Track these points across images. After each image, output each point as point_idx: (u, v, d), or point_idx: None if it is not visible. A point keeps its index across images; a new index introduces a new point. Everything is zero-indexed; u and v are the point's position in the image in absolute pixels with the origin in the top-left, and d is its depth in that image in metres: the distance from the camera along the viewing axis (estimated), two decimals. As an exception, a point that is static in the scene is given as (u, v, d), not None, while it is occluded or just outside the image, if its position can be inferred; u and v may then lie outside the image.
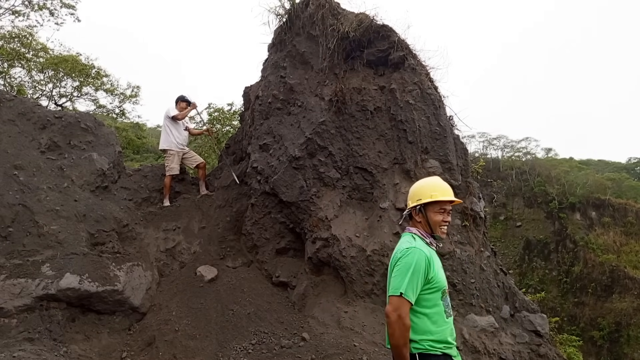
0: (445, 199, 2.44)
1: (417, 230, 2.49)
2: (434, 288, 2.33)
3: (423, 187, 2.52)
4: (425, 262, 2.29)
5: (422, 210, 2.47)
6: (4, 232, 4.96)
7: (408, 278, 2.24)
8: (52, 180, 5.62)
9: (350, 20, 6.02)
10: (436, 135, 5.76)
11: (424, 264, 2.29)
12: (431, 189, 2.47)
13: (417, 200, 2.48)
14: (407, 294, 2.22)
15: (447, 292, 2.42)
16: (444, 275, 2.43)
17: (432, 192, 2.44)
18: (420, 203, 2.46)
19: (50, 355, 4.25)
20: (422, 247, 2.37)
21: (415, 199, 2.50)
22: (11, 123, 5.76)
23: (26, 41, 13.50)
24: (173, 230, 6.45)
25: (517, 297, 5.79)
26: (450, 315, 2.41)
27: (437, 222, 2.44)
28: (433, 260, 2.37)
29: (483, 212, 5.95)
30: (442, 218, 2.45)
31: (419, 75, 5.94)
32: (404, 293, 2.21)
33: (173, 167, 7.09)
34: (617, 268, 38.10)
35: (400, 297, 2.22)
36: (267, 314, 5.30)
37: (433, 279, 2.32)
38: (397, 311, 2.21)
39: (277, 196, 6.05)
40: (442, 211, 2.45)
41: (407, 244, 2.38)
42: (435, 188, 2.47)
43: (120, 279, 5.11)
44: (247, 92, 7.59)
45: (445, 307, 2.37)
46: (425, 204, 2.45)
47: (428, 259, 2.31)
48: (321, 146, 5.88)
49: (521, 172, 51.63)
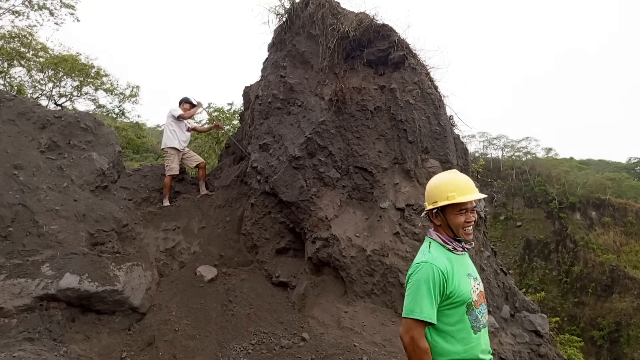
0: (466, 200, 2.11)
1: (437, 235, 2.20)
2: (456, 303, 2.07)
3: (438, 187, 2.19)
4: (439, 276, 2.04)
5: (440, 214, 2.18)
6: (4, 232, 4.96)
7: (419, 297, 2.03)
8: (52, 180, 5.62)
9: (350, 19, 6.02)
10: (436, 135, 5.75)
11: (438, 279, 2.03)
12: (448, 188, 2.14)
13: (432, 203, 2.19)
14: (420, 314, 2.01)
15: (475, 305, 2.12)
16: (470, 284, 2.14)
17: (449, 193, 2.12)
18: (436, 206, 2.17)
19: (50, 355, 4.24)
20: (435, 259, 2.10)
21: (431, 202, 2.20)
22: (11, 123, 5.76)
23: (26, 41, 13.50)
24: (173, 230, 6.44)
25: (517, 297, 5.79)
26: (480, 329, 2.13)
27: (459, 225, 2.14)
28: (452, 272, 2.09)
29: (483, 212, 5.95)
30: (464, 219, 2.14)
31: (419, 75, 5.94)
32: (415, 314, 2.02)
33: (173, 167, 7.08)
34: (617, 268, 38.11)
35: (417, 321, 2.02)
36: (267, 314, 5.29)
37: (453, 293, 2.06)
38: (409, 333, 2.02)
39: (277, 196, 6.05)
40: (463, 212, 2.13)
41: (419, 258, 2.15)
42: (453, 187, 2.14)
43: (120, 279, 5.10)
44: (247, 92, 7.59)
45: (472, 322, 2.10)
46: (442, 207, 2.16)
47: (443, 273, 2.05)
48: (321, 146, 5.88)
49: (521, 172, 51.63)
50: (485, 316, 2.19)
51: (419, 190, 5.52)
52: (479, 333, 2.12)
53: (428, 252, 2.15)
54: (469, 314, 2.10)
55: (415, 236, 5.31)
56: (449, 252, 2.15)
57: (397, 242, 5.27)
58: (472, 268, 2.24)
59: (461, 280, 2.10)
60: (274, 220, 6.24)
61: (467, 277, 2.15)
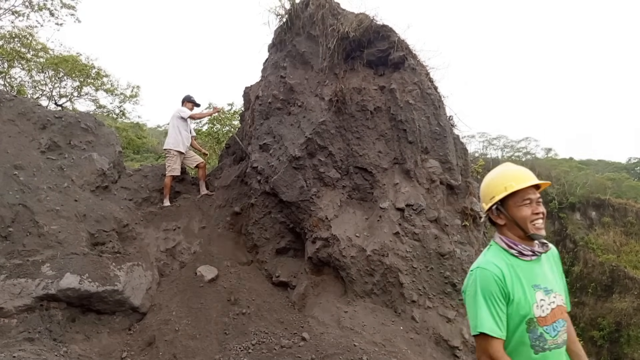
0: (526, 185, 1.86)
1: (500, 239, 1.94)
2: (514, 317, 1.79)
3: (493, 181, 1.96)
4: (495, 281, 1.79)
5: (501, 210, 1.93)
6: (4, 232, 4.96)
7: (476, 309, 1.79)
8: (52, 180, 5.63)
9: (350, 20, 6.02)
10: (436, 135, 5.76)
11: (495, 283, 1.78)
12: (504, 179, 1.91)
13: (490, 200, 1.94)
14: (489, 328, 1.75)
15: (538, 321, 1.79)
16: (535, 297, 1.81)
17: (506, 184, 1.88)
18: (495, 202, 1.93)
19: (50, 355, 4.24)
20: (489, 263, 1.85)
21: (488, 199, 1.96)
22: (11, 123, 5.76)
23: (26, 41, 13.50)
24: (173, 230, 6.45)
25: (517, 297, 5.79)
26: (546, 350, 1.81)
27: (526, 218, 1.86)
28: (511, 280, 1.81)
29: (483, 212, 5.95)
30: (530, 211, 1.86)
31: (419, 75, 5.94)
32: (477, 328, 1.77)
33: (175, 167, 7.09)
34: (617, 268, 38.11)
35: (483, 336, 1.77)
36: (267, 314, 5.30)
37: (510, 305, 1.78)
38: (485, 354, 1.78)
39: (277, 196, 6.05)
40: (527, 202, 1.87)
41: (473, 265, 1.92)
42: (510, 177, 1.90)
43: (121, 279, 5.11)
44: (247, 92, 7.60)
45: (532, 341, 1.79)
46: (502, 201, 1.91)
47: (499, 277, 1.79)
48: (321, 146, 5.88)
49: (521, 172, 51.57)
50: (561, 335, 1.85)
51: (419, 190, 5.53)
52: (542, 354, 1.80)
53: (483, 256, 1.94)
54: (530, 332, 1.80)
55: (415, 236, 5.32)
56: (512, 257, 1.88)
57: (397, 242, 5.27)
58: (545, 278, 1.88)
59: (522, 292, 1.80)
60: (274, 220, 6.24)
61: (533, 288, 1.82)
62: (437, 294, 5.15)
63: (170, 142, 7.20)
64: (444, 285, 5.17)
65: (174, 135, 7.21)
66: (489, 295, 1.77)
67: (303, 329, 4.98)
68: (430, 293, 5.13)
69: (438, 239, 5.32)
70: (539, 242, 1.93)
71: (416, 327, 4.94)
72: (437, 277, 5.20)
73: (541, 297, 1.82)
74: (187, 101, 7.48)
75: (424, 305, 5.08)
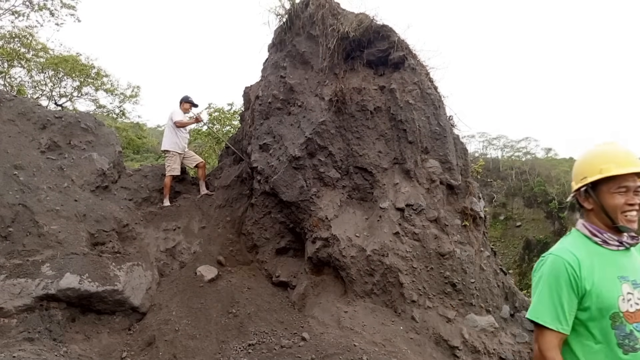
0: (627, 171, 1.62)
1: (583, 225, 1.74)
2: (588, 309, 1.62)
3: (590, 159, 1.71)
4: (566, 269, 1.62)
5: (591, 193, 1.70)
6: (4, 232, 4.96)
7: (540, 297, 1.66)
8: (52, 180, 5.63)
9: (350, 20, 6.03)
10: (436, 135, 5.76)
11: (565, 272, 1.62)
12: (603, 159, 1.67)
13: (581, 180, 1.71)
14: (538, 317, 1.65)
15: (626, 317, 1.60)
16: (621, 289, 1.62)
17: (603, 165, 1.65)
18: (585, 183, 1.70)
19: (50, 355, 4.24)
20: (565, 251, 1.68)
21: (580, 178, 1.73)
22: (11, 123, 5.76)
23: (26, 41, 13.51)
24: (173, 230, 6.45)
25: (517, 296, 5.79)
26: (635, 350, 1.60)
27: (617, 207, 1.64)
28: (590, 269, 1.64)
29: (483, 212, 5.95)
30: (624, 200, 1.64)
31: (419, 75, 5.95)
32: (531, 315, 1.68)
33: (175, 167, 7.10)
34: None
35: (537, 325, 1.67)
36: (267, 314, 5.30)
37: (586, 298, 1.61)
38: (536, 343, 1.67)
39: (277, 196, 6.05)
40: (623, 190, 1.64)
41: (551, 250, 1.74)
42: (611, 157, 1.66)
43: (120, 279, 5.11)
44: (247, 92, 7.60)
45: (620, 339, 1.60)
46: (595, 184, 1.68)
47: (572, 266, 1.62)
48: (321, 146, 5.88)
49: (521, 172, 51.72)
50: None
51: (419, 190, 5.53)
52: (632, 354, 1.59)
53: (560, 243, 1.76)
54: (616, 328, 1.60)
55: (415, 236, 5.32)
56: (596, 245, 1.70)
57: (397, 242, 5.27)
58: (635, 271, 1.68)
59: (603, 282, 1.62)
60: (274, 220, 6.25)
61: (619, 280, 1.64)
62: (437, 294, 5.15)
63: (166, 143, 7.23)
64: (444, 285, 5.17)
65: (170, 136, 7.24)
66: (556, 285, 1.62)
67: (303, 329, 4.98)
68: (430, 293, 5.13)
69: (438, 239, 5.32)
70: (629, 235, 1.71)
71: (416, 327, 4.94)
72: (437, 277, 5.20)
73: (628, 290, 1.63)
74: (184, 102, 7.48)
75: (424, 305, 5.08)
